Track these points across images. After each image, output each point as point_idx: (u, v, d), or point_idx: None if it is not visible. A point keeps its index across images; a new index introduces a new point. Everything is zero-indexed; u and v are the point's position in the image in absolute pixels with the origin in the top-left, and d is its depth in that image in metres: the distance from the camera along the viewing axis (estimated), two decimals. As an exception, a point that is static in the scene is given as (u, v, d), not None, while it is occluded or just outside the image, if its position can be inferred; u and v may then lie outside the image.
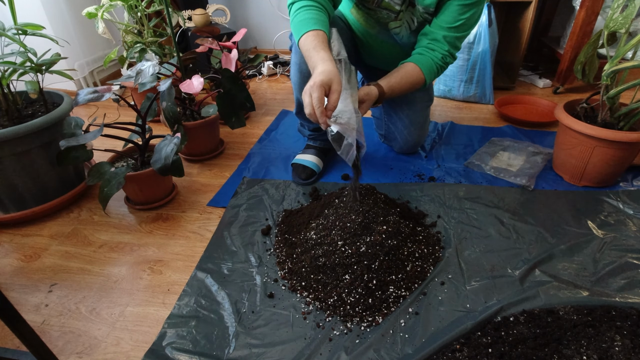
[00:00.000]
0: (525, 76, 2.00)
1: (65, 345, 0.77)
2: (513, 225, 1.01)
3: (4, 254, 1.00)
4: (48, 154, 1.08)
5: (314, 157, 1.25)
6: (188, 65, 1.39)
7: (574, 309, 0.77)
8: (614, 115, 1.07)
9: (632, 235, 0.96)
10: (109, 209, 1.15)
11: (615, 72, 1.00)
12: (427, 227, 1.00)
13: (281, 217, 1.06)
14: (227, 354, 0.73)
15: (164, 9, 1.25)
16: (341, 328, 0.77)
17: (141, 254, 0.98)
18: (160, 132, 1.19)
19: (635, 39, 0.96)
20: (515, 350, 0.69)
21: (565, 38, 1.84)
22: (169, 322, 0.79)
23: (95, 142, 1.44)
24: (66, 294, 0.88)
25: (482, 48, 1.59)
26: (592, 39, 1.12)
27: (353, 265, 0.83)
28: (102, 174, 1.01)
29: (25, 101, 1.20)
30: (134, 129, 1.13)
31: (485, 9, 1.55)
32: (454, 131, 1.49)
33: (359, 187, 0.96)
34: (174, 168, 1.01)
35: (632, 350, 0.68)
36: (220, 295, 0.85)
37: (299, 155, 1.27)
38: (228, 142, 1.48)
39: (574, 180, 1.16)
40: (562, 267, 0.88)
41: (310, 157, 1.25)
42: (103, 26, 1.44)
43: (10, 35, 1.03)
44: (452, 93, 1.76)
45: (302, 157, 1.26)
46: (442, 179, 1.21)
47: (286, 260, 0.92)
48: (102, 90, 1.03)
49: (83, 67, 1.94)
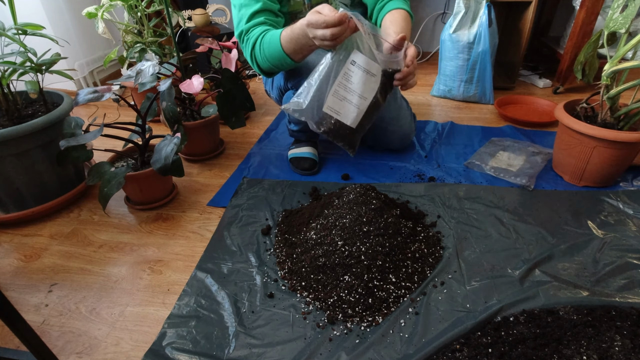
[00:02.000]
0: (525, 76, 1.99)
1: (65, 345, 0.77)
2: (513, 225, 1.01)
3: (4, 254, 1.00)
4: (48, 154, 1.08)
5: (308, 147, 1.27)
6: (188, 65, 1.39)
7: (574, 309, 0.77)
8: (614, 115, 1.07)
9: (632, 235, 0.96)
10: (109, 209, 1.15)
11: (615, 72, 1.00)
12: (427, 227, 1.00)
13: (281, 217, 1.06)
14: (227, 354, 0.73)
15: (164, 9, 1.25)
16: (341, 328, 0.77)
17: (141, 254, 0.98)
18: (160, 132, 1.19)
19: (635, 39, 0.96)
20: (515, 350, 0.69)
21: (565, 38, 1.84)
22: (169, 322, 0.79)
23: (95, 142, 1.44)
24: (66, 294, 0.88)
25: (482, 48, 1.59)
26: (592, 39, 1.12)
27: (353, 265, 0.83)
28: (102, 174, 1.01)
29: (25, 101, 1.20)
30: (134, 129, 1.13)
31: (485, 9, 1.55)
32: (454, 131, 1.49)
33: (358, 187, 0.96)
34: (174, 168, 1.01)
35: (632, 350, 0.68)
36: (220, 295, 0.85)
37: (293, 150, 1.29)
38: (228, 142, 1.48)
39: (574, 180, 1.16)
40: (562, 267, 0.88)
41: (306, 149, 1.27)
42: (103, 26, 1.44)
43: (10, 35, 1.03)
44: (452, 93, 1.76)
45: (297, 150, 1.28)
46: (442, 179, 1.21)
47: (286, 260, 0.92)
48: (102, 90, 1.03)
49: (83, 67, 1.94)
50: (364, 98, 0.87)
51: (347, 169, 1.27)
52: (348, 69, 0.84)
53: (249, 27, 0.97)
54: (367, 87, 0.86)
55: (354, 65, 0.84)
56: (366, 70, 0.84)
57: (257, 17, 0.97)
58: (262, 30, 0.95)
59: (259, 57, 0.96)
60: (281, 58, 0.92)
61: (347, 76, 0.84)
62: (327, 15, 0.73)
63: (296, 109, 0.87)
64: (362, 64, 0.84)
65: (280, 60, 0.93)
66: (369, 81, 0.86)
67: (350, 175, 1.24)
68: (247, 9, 0.98)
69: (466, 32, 1.62)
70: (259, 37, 0.94)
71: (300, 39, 0.85)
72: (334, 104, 0.86)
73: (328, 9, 0.75)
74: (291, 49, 0.89)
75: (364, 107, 0.88)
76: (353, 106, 0.87)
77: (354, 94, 0.86)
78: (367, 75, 0.85)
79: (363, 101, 0.87)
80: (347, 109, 0.87)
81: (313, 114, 0.87)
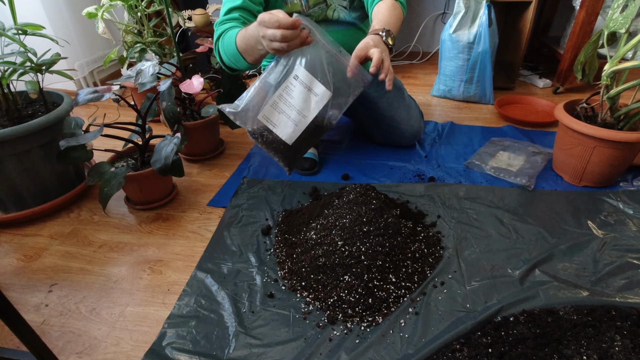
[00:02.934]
0: (525, 76, 2.00)
1: (65, 345, 0.77)
2: (513, 225, 1.01)
3: (4, 254, 1.00)
4: (48, 154, 1.08)
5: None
6: (188, 65, 1.39)
7: (574, 309, 0.77)
8: (614, 115, 1.07)
9: (632, 235, 0.96)
10: (109, 209, 1.15)
11: (615, 72, 1.00)
12: (427, 227, 1.00)
13: (281, 217, 1.06)
14: (227, 354, 0.73)
15: (164, 9, 1.25)
16: (341, 328, 0.77)
17: (141, 254, 0.98)
18: (160, 132, 1.19)
19: (635, 39, 0.96)
20: (515, 350, 0.69)
21: (565, 38, 1.84)
22: (169, 322, 0.79)
23: (95, 142, 1.44)
24: (66, 294, 0.88)
25: (482, 48, 1.59)
26: (592, 39, 1.12)
27: (353, 265, 0.83)
28: (102, 174, 1.01)
29: (25, 101, 1.20)
30: (134, 129, 1.13)
31: (486, 9, 1.55)
32: (454, 131, 1.49)
33: (358, 187, 0.96)
34: (174, 168, 1.01)
35: (632, 350, 0.68)
36: (220, 295, 0.85)
37: None
38: (228, 142, 1.48)
39: (574, 180, 1.16)
40: (562, 267, 0.88)
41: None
42: (103, 26, 1.44)
43: (10, 35, 1.03)
44: (452, 93, 1.76)
45: None
46: (442, 179, 1.21)
47: (286, 260, 0.92)
48: (102, 90, 1.03)
49: (83, 67, 1.94)
50: (303, 115, 0.84)
51: (347, 169, 1.27)
52: (290, 83, 0.82)
53: (222, 20, 0.98)
54: (307, 104, 0.83)
55: (296, 80, 0.82)
56: (308, 87, 0.82)
57: (232, 13, 0.98)
58: (231, 26, 0.95)
59: (221, 51, 0.96)
60: (236, 55, 0.91)
61: (288, 90, 0.82)
62: (281, 17, 0.73)
63: (231, 111, 0.84)
64: (305, 81, 0.81)
65: (236, 58, 0.92)
66: (311, 100, 0.83)
67: (350, 175, 1.24)
68: (228, 3, 0.99)
69: (466, 32, 1.62)
70: (225, 31, 0.95)
71: (250, 40, 0.85)
72: (271, 115, 0.84)
73: (283, 14, 0.75)
74: (243, 48, 0.88)
75: (302, 125, 0.85)
76: (290, 121, 0.85)
77: (292, 108, 0.84)
78: (309, 93, 0.83)
79: (302, 119, 0.85)
80: (283, 123, 0.85)
81: (246, 120, 0.85)
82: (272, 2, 1.06)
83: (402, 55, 2.37)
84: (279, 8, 1.06)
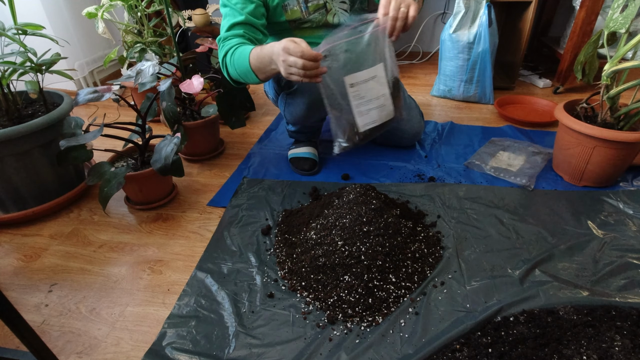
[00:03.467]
0: (525, 76, 1.99)
1: (65, 345, 0.77)
2: (513, 225, 1.01)
3: (4, 254, 1.00)
4: (48, 154, 1.08)
5: (308, 147, 1.28)
6: (188, 65, 1.39)
7: (574, 309, 0.77)
8: (614, 115, 1.07)
9: (632, 235, 0.96)
10: (109, 209, 1.15)
11: (615, 72, 1.00)
12: (427, 227, 1.00)
13: (281, 217, 1.06)
14: (227, 353, 0.73)
15: (164, 9, 1.25)
16: (341, 328, 0.77)
17: (141, 254, 0.98)
18: (160, 132, 1.19)
19: (635, 39, 0.96)
20: (515, 350, 0.69)
21: (565, 38, 1.84)
22: (169, 322, 0.79)
23: (95, 142, 1.44)
24: (66, 294, 0.88)
25: (482, 48, 1.59)
26: (592, 39, 1.12)
27: (353, 265, 0.83)
28: (102, 174, 1.01)
29: (25, 101, 1.20)
30: (134, 129, 1.13)
31: (485, 8, 1.55)
32: (454, 131, 1.49)
33: (358, 187, 0.97)
34: (174, 168, 1.01)
35: (632, 350, 0.68)
36: (220, 295, 0.85)
37: (293, 150, 1.30)
38: (228, 142, 1.48)
39: (574, 180, 1.16)
40: (562, 267, 0.88)
41: (306, 149, 1.27)
42: (103, 26, 1.44)
43: (10, 35, 1.03)
44: (452, 93, 1.76)
45: (297, 151, 1.28)
46: (442, 179, 1.21)
47: (286, 260, 0.92)
48: (102, 90, 1.04)
49: (83, 67, 1.94)
50: (382, 94, 0.93)
51: (347, 169, 1.27)
52: (349, 91, 0.89)
53: (227, 35, 1.01)
54: (375, 87, 0.91)
55: (352, 87, 0.89)
56: (364, 80, 0.89)
57: (236, 29, 1.01)
58: (238, 42, 0.98)
59: (229, 66, 1.00)
60: (247, 72, 0.95)
61: (354, 96, 0.90)
62: (305, 47, 0.78)
63: (345, 145, 0.96)
64: (358, 80, 0.89)
65: (247, 74, 0.96)
66: (374, 82, 0.90)
67: (350, 175, 1.24)
68: (230, 18, 1.01)
69: (466, 32, 1.62)
70: (233, 47, 0.98)
71: (264, 58, 0.89)
72: (365, 119, 0.93)
73: (306, 44, 0.79)
74: (257, 66, 0.92)
75: (387, 100, 0.94)
76: (379, 108, 0.93)
77: (371, 101, 0.92)
78: (369, 82, 0.90)
79: (382, 97, 0.93)
80: (378, 113, 0.94)
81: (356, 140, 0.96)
82: (272, 10, 1.07)
83: (402, 55, 2.37)
84: (279, 15, 1.07)
